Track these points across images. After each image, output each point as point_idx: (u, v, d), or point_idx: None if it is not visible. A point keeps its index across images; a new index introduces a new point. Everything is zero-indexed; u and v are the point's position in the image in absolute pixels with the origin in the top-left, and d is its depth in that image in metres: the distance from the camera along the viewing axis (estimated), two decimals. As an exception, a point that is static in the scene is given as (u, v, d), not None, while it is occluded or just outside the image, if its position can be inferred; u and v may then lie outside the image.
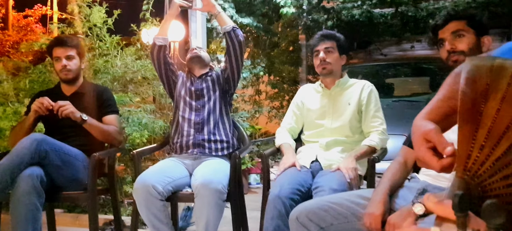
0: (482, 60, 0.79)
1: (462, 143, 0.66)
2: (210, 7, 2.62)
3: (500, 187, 0.64)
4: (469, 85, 0.73)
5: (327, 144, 2.38)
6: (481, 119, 0.67)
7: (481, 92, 0.71)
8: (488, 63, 0.76)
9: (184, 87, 2.66)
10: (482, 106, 0.69)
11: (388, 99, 4.22)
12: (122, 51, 4.01)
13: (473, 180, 0.65)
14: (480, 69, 0.75)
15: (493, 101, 0.69)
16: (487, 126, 0.66)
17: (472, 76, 0.74)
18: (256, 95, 6.84)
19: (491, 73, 0.74)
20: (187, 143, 2.52)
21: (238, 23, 4.86)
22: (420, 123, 0.86)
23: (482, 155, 0.65)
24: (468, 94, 0.71)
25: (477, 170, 0.65)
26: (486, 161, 0.64)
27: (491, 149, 0.64)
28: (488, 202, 0.54)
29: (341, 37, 2.50)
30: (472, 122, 0.67)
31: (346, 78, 2.52)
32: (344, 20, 6.55)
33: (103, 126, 2.57)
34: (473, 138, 0.66)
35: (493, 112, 0.67)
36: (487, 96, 0.70)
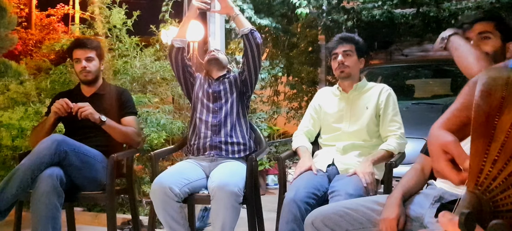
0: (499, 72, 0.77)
1: (475, 156, 0.65)
2: (228, 10, 2.63)
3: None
4: (484, 98, 0.71)
5: (344, 148, 2.36)
6: (495, 133, 0.66)
7: (496, 106, 0.70)
8: (505, 76, 0.74)
9: (202, 89, 2.67)
10: (496, 120, 0.67)
11: (408, 101, 4.16)
12: (141, 52, 4.06)
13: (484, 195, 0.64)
14: (496, 81, 0.74)
15: (507, 115, 0.68)
16: (501, 140, 0.64)
17: (487, 89, 0.73)
18: (275, 96, 6.83)
19: (507, 86, 0.72)
20: (204, 145, 2.54)
21: (256, 24, 4.86)
22: (438, 133, 0.85)
23: (494, 169, 0.63)
24: (482, 107, 0.70)
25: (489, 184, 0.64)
26: (499, 176, 0.63)
27: (504, 164, 0.63)
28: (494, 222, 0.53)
29: (359, 40, 2.47)
30: (486, 135, 0.66)
31: (364, 81, 2.49)
32: (364, 20, 6.48)
33: (122, 127, 2.61)
34: (486, 152, 0.65)
35: (507, 126, 0.66)
36: (502, 110, 0.69)
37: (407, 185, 1.65)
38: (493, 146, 0.65)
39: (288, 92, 6.96)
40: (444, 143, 0.80)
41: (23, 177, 2.20)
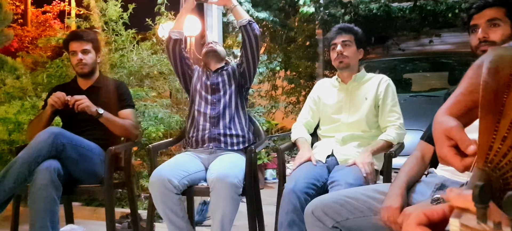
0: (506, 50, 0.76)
1: (484, 134, 0.64)
2: (225, 1, 2.62)
3: (522, 180, 0.61)
4: (492, 75, 0.70)
5: (343, 139, 2.35)
6: (504, 109, 0.64)
7: (504, 82, 0.68)
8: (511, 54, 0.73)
9: (200, 81, 2.65)
10: (504, 97, 0.66)
11: (405, 94, 4.16)
12: (138, 46, 4.04)
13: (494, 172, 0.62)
14: (504, 59, 0.72)
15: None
16: (510, 117, 0.63)
17: (495, 66, 0.71)
18: (273, 91, 6.82)
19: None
20: (202, 137, 2.52)
21: (254, 17, 4.84)
22: (442, 119, 0.83)
23: (504, 146, 0.62)
24: (491, 84, 0.69)
25: (499, 161, 0.62)
26: (509, 153, 0.62)
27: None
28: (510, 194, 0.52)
29: (358, 30, 2.46)
30: (494, 112, 0.65)
31: (363, 72, 2.48)
32: (361, 14, 6.47)
33: (119, 120, 2.59)
34: (495, 129, 0.63)
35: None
36: (511, 87, 0.67)
37: (410, 173, 1.63)
38: (503, 122, 0.63)
39: (286, 86, 6.95)
40: (447, 129, 0.79)
41: (20, 170, 2.17)
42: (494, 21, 1.62)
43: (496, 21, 1.62)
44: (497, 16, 1.62)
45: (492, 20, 1.63)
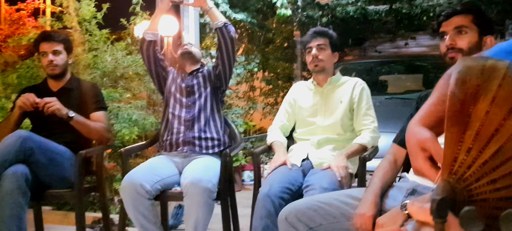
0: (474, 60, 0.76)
1: (449, 145, 0.63)
2: (201, 3, 2.58)
3: (486, 191, 0.61)
4: (459, 86, 0.70)
5: (319, 142, 2.35)
6: (470, 120, 0.64)
7: (471, 93, 0.68)
8: (480, 64, 0.73)
9: (175, 83, 2.61)
10: (471, 108, 0.66)
11: (381, 96, 4.19)
12: (112, 46, 3.96)
13: (459, 183, 0.62)
14: (471, 70, 0.72)
15: (482, 103, 0.66)
16: (476, 128, 0.63)
17: (463, 77, 0.71)
18: (251, 92, 6.80)
19: (482, 74, 0.71)
20: (177, 140, 2.48)
21: (231, 18, 4.82)
22: (416, 130, 0.83)
23: (469, 157, 0.62)
24: (457, 95, 0.68)
25: (464, 173, 0.62)
26: (473, 164, 0.61)
27: (478, 152, 0.61)
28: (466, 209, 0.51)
29: (333, 34, 2.47)
30: (460, 123, 0.64)
31: (338, 76, 2.49)
32: (338, 17, 6.51)
33: (91, 122, 2.53)
34: (460, 140, 0.63)
35: (482, 114, 0.64)
36: (477, 98, 0.67)
37: (383, 179, 1.63)
38: (468, 133, 0.63)
39: (264, 88, 6.94)
40: (421, 140, 0.79)
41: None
42: (461, 28, 1.64)
43: (463, 29, 1.64)
44: (464, 23, 1.64)
45: (459, 27, 1.64)
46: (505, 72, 0.71)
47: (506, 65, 0.73)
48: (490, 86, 0.69)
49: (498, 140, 0.62)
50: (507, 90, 0.68)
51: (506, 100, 0.67)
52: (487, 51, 0.90)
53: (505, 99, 0.67)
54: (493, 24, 1.72)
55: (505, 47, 0.85)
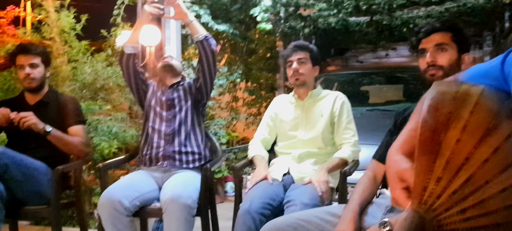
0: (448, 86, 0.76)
1: (419, 174, 0.63)
2: (182, 16, 2.57)
3: (456, 221, 0.61)
4: (431, 113, 0.70)
5: (300, 156, 2.35)
6: (440, 149, 0.64)
7: (443, 121, 0.68)
8: (453, 90, 0.73)
9: (155, 97, 2.59)
10: (442, 136, 0.66)
11: (362, 107, 4.22)
12: (92, 57, 3.91)
13: (428, 213, 0.62)
14: (444, 95, 0.73)
15: (453, 130, 0.66)
16: (446, 157, 0.63)
17: (435, 103, 0.72)
18: (233, 102, 6.78)
19: (455, 101, 0.71)
20: (156, 155, 2.45)
21: (214, 29, 4.80)
22: (395, 158, 0.83)
23: (438, 187, 0.62)
24: (429, 122, 0.69)
25: (433, 203, 0.62)
26: (443, 194, 0.61)
27: (448, 181, 0.61)
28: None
29: (314, 48, 2.48)
30: (431, 152, 0.64)
31: (319, 89, 2.50)
32: (320, 27, 6.55)
33: (68, 137, 2.48)
34: (431, 169, 0.63)
35: (453, 142, 0.64)
36: (448, 125, 0.68)
37: (363, 195, 1.63)
38: (438, 162, 0.63)
39: (247, 98, 6.93)
40: (400, 170, 0.79)
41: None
42: (441, 45, 1.66)
43: (443, 46, 1.66)
44: (444, 41, 1.66)
45: (439, 44, 1.66)
46: (477, 99, 0.71)
47: (479, 92, 0.73)
48: (462, 114, 0.69)
49: (468, 169, 0.62)
50: (479, 118, 0.69)
51: (478, 128, 0.67)
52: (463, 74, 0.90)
53: (477, 127, 0.67)
54: (470, 42, 1.75)
55: (480, 71, 0.85)
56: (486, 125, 0.68)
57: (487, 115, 0.69)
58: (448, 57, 1.65)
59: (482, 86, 0.76)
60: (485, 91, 0.74)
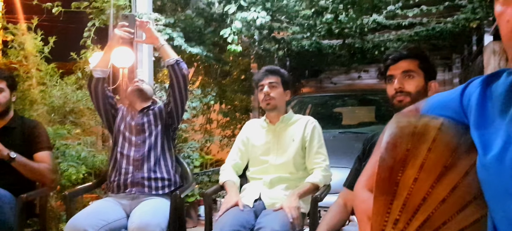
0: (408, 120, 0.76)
1: (376, 216, 0.63)
2: (153, 40, 2.55)
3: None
4: (389, 151, 0.70)
5: (271, 181, 2.34)
6: (398, 189, 0.64)
7: (400, 159, 0.68)
8: (412, 125, 0.73)
9: (124, 121, 2.54)
10: (399, 176, 0.65)
11: (335, 130, 4.26)
12: (61, 80, 3.83)
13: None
14: (403, 131, 0.72)
15: (411, 169, 0.66)
16: (403, 197, 0.63)
17: (393, 140, 0.71)
18: (207, 124, 6.74)
19: (413, 137, 0.71)
20: (125, 181, 2.39)
21: (187, 52, 4.78)
22: (363, 195, 0.83)
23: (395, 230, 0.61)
24: (387, 161, 0.68)
25: (391, 247, 0.61)
26: (401, 238, 0.61)
27: (405, 224, 0.61)
28: None
29: (285, 73, 2.49)
30: (388, 192, 0.64)
31: (290, 114, 2.50)
32: (294, 50, 6.63)
33: (34, 164, 2.41)
34: (388, 211, 0.62)
35: (410, 182, 0.64)
36: (406, 164, 0.67)
37: (331, 223, 1.63)
38: (395, 204, 0.62)
39: (221, 120, 6.90)
40: (368, 209, 0.78)
41: None
42: (409, 72, 1.69)
43: (410, 73, 1.69)
44: (411, 68, 1.70)
45: (407, 71, 1.70)
46: (435, 134, 0.71)
47: (437, 126, 0.73)
48: (420, 151, 0.69)
49: (425, 209, 0.61)
50: (437, 155, 0.69)
51: (435, 165, 0.67)
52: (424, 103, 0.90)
53: (434, 165, 0.67)
54: (436, 69, 1.78)
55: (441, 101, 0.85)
56: (443, 162, 0.68)
57: (445, 152, 0.70)
58: (415, 84, 1.68)
59: (441, 120, 0.76)
60: (443, 125, 0.74)
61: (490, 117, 0.70)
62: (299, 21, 5.58)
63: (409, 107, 0.95)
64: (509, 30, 0.56)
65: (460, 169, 0.68)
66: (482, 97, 0.72)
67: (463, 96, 0.77)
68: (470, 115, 0.73)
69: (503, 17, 0.58)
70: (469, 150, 0.70)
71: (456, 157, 0.69)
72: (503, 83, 0.70)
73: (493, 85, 0.73)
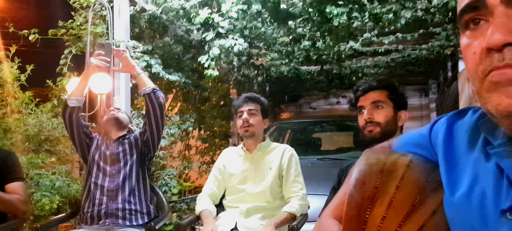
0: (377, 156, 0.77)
1: (345, 256, 0.63)
2: (129, 68, 2.54)
3: None
4: (358, 188, 0.70)
5: (248, 210, 2.32)
6: (365, 228, 0.64)
7: (369, 196, 0.68)
8: (381, 162, 0.73)
9: (99, 151, 2.50)
10: (367, 214, 0.66)
11: (313, 157, 4.28)
12: (37, 108, 3.77)
13: None
14: (372, 168, 0.73)
15: (379, 207, 0.67)
16: (371, 237, 0.63)
17: (362, 177, 0.72)
18: (186, 151, 6.68)
19: (382, 174, 0.71)
20: (98, 212, 2.34)
21: (165, 79, 4.77)
22: (327, 223, 0.83)
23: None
24: (355, 198, 0.68)
25: None
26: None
27: (373, 267, 0.61)
28: None
29: (265, 101, 2.50)
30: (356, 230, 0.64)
31: (267, 142, 2.51)
32: (273, 76, 6.70)
33: (5, 195, 2.33)
34: (355, 252, 0.62)
35: (378, 220, 0.64)
36: (374, 201, 0.68)
37: None
38: (363, 244, 0.62)
39: (200, 146, 6.86)
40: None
41: None
42: (378, 103, 1.74)
43: (379, 104, 1.74)
44: (380, 98, 1.74)
45: (376, 102, 1.74)
46: (404, 172, 0.72)
47: (406, 163, 0.74)
48: (388, 189, 0.69)
49: (393, 250, 0.62)
50: (405, 193, 0.69)
51: (403, 204, 0.68)
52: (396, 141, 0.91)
53: (402, 203, 0.68)
54: (406, 100, 1.82)
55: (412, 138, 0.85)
56: (411, 200, 0.69)
57: (413, 190, 0.70)
58: (384, 114, 1.73)
59: (410, 157, 0.77)
60: (412, 162, 0.75)
61: (456, 154, 0.71)
62: (277, 48, 5.65)
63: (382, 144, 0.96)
64: (475, 62, 0.58)
65: (428, 208, 0.69)
66: (449, 135, 0.74)
67: (432, 134, 0.78)
68: (438, 153, 0.74)
69: (469, 49, 0.59)
70: (437, 188, 0.71)
71: (424, 195, 0.70)
72: (468, 121, 0.72)
73: (459, 123, 0.74)
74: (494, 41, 0.53)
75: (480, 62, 0.56)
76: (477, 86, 0.58)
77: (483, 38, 0.55)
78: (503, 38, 0.53)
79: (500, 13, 0.54)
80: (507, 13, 0.54)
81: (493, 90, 0.55)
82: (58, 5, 4.39)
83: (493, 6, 0.55)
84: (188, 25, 4.53)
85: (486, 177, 0.63)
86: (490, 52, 0.55)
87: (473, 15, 0.58)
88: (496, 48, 0.54)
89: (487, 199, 0.61)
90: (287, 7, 4.25)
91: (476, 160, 0.67)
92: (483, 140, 0.66)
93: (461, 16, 0.59)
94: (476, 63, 0.57)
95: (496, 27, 0.54)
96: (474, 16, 0.58)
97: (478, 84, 0.58)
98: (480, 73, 0.57)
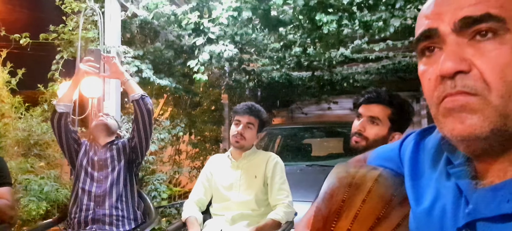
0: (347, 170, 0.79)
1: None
2: (118, 75, 2.55)
3: None
4: (326, 201, 0.72)
5: (233, 218, 2.34)
6: (330, 242, 0.66)
7: (335, 210, 0.71)
8: (351, 176, 0.76)
9: (87, 156, 2.51)
10: (332, 226, 0.68)
11: (302, 163, 4.30)
12: (27, 113, 3.76)
13: None
14: (341, 182, 0.75)
15: (345, 220, 0.69)
16: (335, 250, 0.65)
17: (331, 191, 0.74)
18: (176, 156, 6.68)
19: (350, 188, 0.73)
20: (85, 218, 2.35)
21: (156, 84, 4.78)
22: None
23: None
24: (322, 211, 0.71)
25: None
26: None
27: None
28: None
29: (265, 116, 2.51)
30: (321, 245, 0.66)
31: (253, 150, 2.53)
32: (265, 81, 6.73)
33: (-8, 200, 2.33)
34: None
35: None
36: (340, 214, 0.70)
37: None
38: (326, 257, 0.65)
39: (190, 151, 6.85)
40: None
41: None
42: (375, 119, 1.67)
43: (376, 120, 1.67)
44: (380, 116, 1.67)
45: (373, 118, 1.67)
46: (371, 186, 0.74)
47: (374, 177, 0.76)
48: (355, 202, 0.72)
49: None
50: (370, 206, 0.72)
51: (368, 217, 0.70)
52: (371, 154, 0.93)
53: (368, 216, 0.70)
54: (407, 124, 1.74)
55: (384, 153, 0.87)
56: (377, 213, 0.71)
57: (378, 203, 0.73)
58: (376, 132, 1.66)
59: (379, 171, 0.80)
60: (381, 176, 0.78)
61: (421, 170, 0.74)
62: (268, 54, 5.68)
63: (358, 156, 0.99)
64: (430, 89, 0.61)
65: (392, 221, 0.71)
66: (416, 151, 0.77)
67: (401, 149, 0.81)
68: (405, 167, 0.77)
69: (425, 76, 0.62)
70: (402, 202, 0.73)
71: (390, 209, 0.72)
72: (434, 138, 0.75)
73: (427, 139, 0.77)
74: (446, 69, 0.56)
75: (435, 88, 0.59)
76: (433, 111, 0.61)
77: (437, 66, 0.58)
78: (454, 66, 0.56)
79: (451, 41, 0.57)
80: (458, 41, 0.57)
81: (447, 116, 0.58)
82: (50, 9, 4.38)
83: (445, 35, 0.58)
84: (179, 31, 4.55)
85: (447, 194, 0.65)
86: (443, 79, 0.57)
87: (428, 43, 0.61)
88: (448, 75, 0.57)
89: (447, 216, 0.64)
90: (278, 14, 4.29)
91: (438, 177, 0.69)
92: (446, 158, 0.69)
93: (417, 44, 0.62)
94: (431, 89, 0.60)
95: (447, 56, 0.57)
96: (428, 44, 0.61)
97: (434, 109, 0.60)
98: (435, 99, 0.59)
